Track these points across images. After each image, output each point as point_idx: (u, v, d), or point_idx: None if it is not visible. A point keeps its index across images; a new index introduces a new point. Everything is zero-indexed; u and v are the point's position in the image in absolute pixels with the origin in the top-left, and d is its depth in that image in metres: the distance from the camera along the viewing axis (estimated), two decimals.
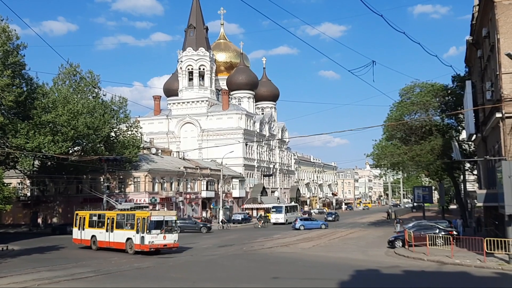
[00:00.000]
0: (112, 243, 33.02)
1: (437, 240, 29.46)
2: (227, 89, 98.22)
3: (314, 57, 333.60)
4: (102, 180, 59.48)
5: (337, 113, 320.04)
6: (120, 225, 32.89)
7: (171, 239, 31.14)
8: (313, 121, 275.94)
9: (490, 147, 31.08)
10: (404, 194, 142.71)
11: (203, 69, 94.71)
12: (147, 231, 30.21)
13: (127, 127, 60.08)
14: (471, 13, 35.22)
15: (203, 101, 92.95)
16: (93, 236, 34.73)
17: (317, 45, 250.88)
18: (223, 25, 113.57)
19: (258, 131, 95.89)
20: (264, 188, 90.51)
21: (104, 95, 58.14)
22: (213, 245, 36.72)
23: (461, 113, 42.71)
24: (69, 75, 56.29)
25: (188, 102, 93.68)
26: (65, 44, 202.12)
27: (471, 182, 63.00)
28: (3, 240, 42.90)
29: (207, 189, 73.29)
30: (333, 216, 74.76)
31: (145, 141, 77.15)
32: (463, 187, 52.27)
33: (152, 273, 23.44)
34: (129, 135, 59.74)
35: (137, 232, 30.86)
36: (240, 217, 67.44)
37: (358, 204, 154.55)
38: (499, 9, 25.43)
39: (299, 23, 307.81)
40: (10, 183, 53.02)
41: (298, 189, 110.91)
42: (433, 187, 76.19)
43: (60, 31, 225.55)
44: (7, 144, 46.44)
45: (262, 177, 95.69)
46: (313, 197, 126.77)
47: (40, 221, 63.58)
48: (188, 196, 70.05)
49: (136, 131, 60.89)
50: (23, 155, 47.62)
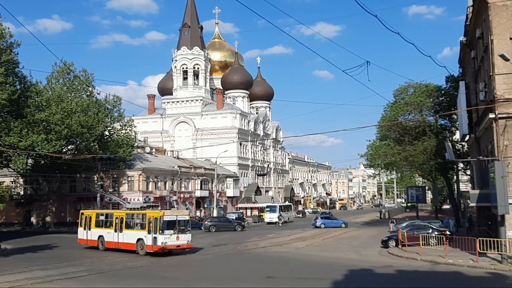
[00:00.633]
0: (121, 244, 31.68)
1: (430, 240, 29.59)
2: (221, 88, 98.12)
3: (309, 57, 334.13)
4: (96, 179, 59.31)
5: (332, 113, 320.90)
6: (129, 225, 31.62)
7: (184, 239, 29.88)
8: (308, 120, 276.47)
9: (483, 148, 31.23)
10: (398, 194, 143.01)
11: (198, 68, 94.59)
12: (160, 232, 28.88)
13: (121, 126, 59.90)
14: (465, 14, 35.38)
15: (197, 100, 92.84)
16: (101, 236, 33.39)
17: (312, 45, 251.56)
18: (218, 24, 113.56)
19: (252, 130, 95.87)
20: (258, 187, 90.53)
21: (98, 94, 58.06)
22: (207, 244, 36.67)
23: (454, 114, 42.89)
24: (63, 73, 56.10)
25: (182, 101, 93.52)
26: (59, 42, 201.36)
27: (464, 182, 63.32)
28: None
29: (201, 189, 73.23)
30: (327, 216, 74.83)
31: (139, 140, 76.99)
32: (456, 187, 52.51)
33: (145, 272, 23.40)
34: (123, 134, 59.58)
35: (149, 232, 29.49)
36: (234, 217, 67.48)
37: (352, 204, 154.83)
38: (493, 10, 25.54)
39: (294, 23, 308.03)
40: (3, 181, 52.64)
41: (292, 189, 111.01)
42: (427, 187, 76.51)
43: (54, 29, 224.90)
44: (0, 142, 46.21)
45: (256, 176, 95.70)
46: (307, 196, 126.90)
47: (34, 220, 63.36)
48: (182, 195, 69.97)
49: (130, 130, 60.75)
50: (16, 154, 47.44)
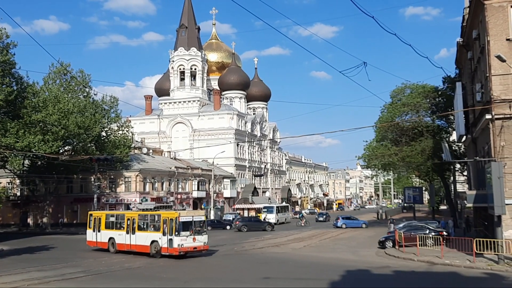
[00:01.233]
0: (133, 246, 30.46)
1: (427, 240, 29.64)
2: (218, 89, 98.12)
3: (306, 58, 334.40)
4: (92, 180, 59.18)
5: (329, 114, 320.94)
6: (142, 227, 30.49)
7: (200, 241, 28.61)
8: (305, 121, 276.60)
9: (480, 148, 31.30)
10: (395, 194, 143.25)
11: (195, 69, 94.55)
12: (176, 233, 27.68)
13: (118, 126, 59.87)
14: (462, 15, 35.44)
15: (194, 101, 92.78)
16: (111, 238, 32.21)
17: (309, 45, 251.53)
18: (215, 25, 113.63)
19: (249, 131, 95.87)
20: (255, 188, 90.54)
21: (95, 95, 58.09)
22: None
23: (451, 115, 42.97)
24: (60, 74, 56.07)
25: (179, 102, 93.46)
26: (56, 43, 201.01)
27: (461, 183, 63.38)
28: None
29: (198, 189, 73.19)
30: (324, 216, 74.99)
31: (136, 141, 76.88)
32: (453, 188, 52.55)
33: (142, 273, 23.37)
34: (120, 134, 59.55)
35: (164, 234, 28.33)
36: (231, 217, 67.46)
37: (349, 204, 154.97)
38: (489, 12, 25.61)
39: (292, 24, 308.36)
40: None
41: (289, 189, 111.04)
42: (424, 188, 76.59)
43: (51, 30, 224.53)
44: None
45: (253, 177, 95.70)
46: (304, 197, 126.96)
47: (30, 221, 63.20)
48: (179, 196, 69.90)
49: (127, 131, 60.74)
50: (13, 155, 47.28)
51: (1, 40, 43.28)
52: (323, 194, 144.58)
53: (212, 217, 63.35)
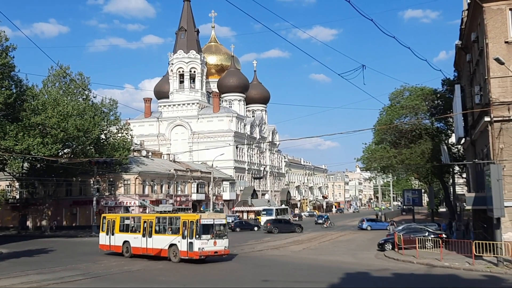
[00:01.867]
0: (150, 250, 29.21)
1: (427, 243, 29.60)
2: (218, 91, 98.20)
3: (305, 61, 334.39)
4: (92, 182, 59.18)
5: (328, 116, 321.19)
6: (160, 230, 29.27)
7: (221, 245, 27.40)
8: (304, 124, 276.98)
9: (479, 151, 31.33)
10: (394, 197, 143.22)
11: (194, 72, 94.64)
12: (197, 236, 26.51)
13: (117, 129, 59.90)
14: (461, 18, 35.50)
15: (193, 104, 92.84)
16: (126, 242, 30.90)
17: (308, 48, 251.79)
18: (214, 28, 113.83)
19: (248, 133, 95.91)
20: (254, 190, 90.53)
21: (94, 97, 58.23)
22: None
23: (450, 117, 43.03)
24: (59, 77, 56.18)
25: (178, 104, 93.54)
26: (56, 46, 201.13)
27: (461, 185, 63.40)
28: None
29: (197, 192, 73.19)
30: (324, 219, 74.91)
31: (136, 144, 76.90)
32: (452, 190, 52.58)
33: (142, 276, 23.36)
34: (119, 137, 59.57)
35: (183, 237, 27.16)
36: (230, 220, 67.35)
37: (348, 208, 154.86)
38: (488, 14, 25.67)
39: (291, 27, 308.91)
40: None
41: (288, 192, 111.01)
42: (423, 190, 76.59)
43: (51, 33, 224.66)
44: None
45: (252, 179, 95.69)
46: (303, 199, 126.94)
47: (29, 223, 63.12)
48: (178, 198, 69.85)
49: (126, 133, 60.76)
50: (12, 157, 47.25)
51: (0, 43, 43.30)
52: (322, 196, 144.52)
53: None
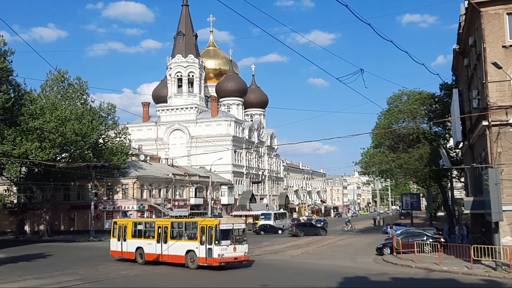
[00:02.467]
0: (166, 256, 28.26)
1: (425, 247, 29.63)
2: (216, 96, 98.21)
3: (303, 65, 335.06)
4: (90, 187, 59.09)
5: (326, 120, 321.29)
6: (176, 235, 28.34)
7: (241, 251, 26.43)
8: (302, 128, 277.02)
9: (477, 155, 31.37)
10: (392, 201, 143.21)
11: (192, 76, 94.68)
12: (216, 242, 25.53)
13: (115, 133, 59.81)
14: (458, 22, 35.62)
15: (192, 108, 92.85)
16: (139, 248, 29.97)
17: (307, 52, 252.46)
18: (212, 32, 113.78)
19: (247, 138, 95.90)
20: (253, 195, 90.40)
21: (92, 102, 58.11)
22: None
23: (448, 121, 43.08)
24: (57, 81, 56.11)
25: (177, 108, 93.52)
26: (54, 50, 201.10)
27: (459, 189, 63.43)
28: None
29: (195, 196, 73.05)
30: (322, 223, 74.88)
31: (134, 148, 76.83)
32: (450, 194, 52.54)
33: (140, 280, 23.33)
34: (117, 141, 59.49)
35: (202, 243, 26.18)
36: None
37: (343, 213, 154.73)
38: (485, 19, 25.76)
39: (289, 31, 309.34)
40: None
41: (287, 196, 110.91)
42: (421, 194, 76.60)
43: (50, 37, 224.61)
44: None
45: (251, 184, 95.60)
46: (302, 204, 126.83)
47: (27, 228, 62.94)
48: (176, 203, 69.74)
49: (124, 138, 60.68)
50: (10, 162, 47.15)
51: None
52: (321, 200, 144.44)
53: None
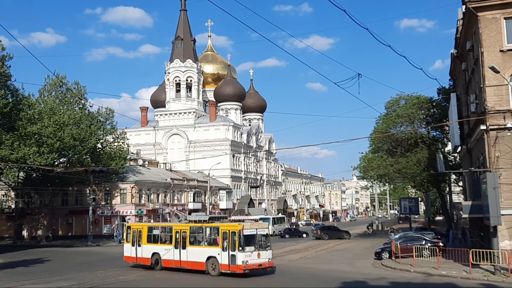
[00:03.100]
0: (184, 263, 27.22)
1: (424, 251, 29.58)
2: (214, 100, 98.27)
3: (302, 70, 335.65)
4: (88, 191, 58.96)
5: (324, 125, 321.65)
6: (196, 241, 27.32)
7: (265, 257, 25.38)
8: (300, 132, 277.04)
9: (475, 159, 31.40)
10: (391, 205, 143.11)
11: (191, 81, 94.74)
12: (239, 248, 24.44)
13: (113, 138, 59.80)
14: (456, 27, 35.73)
15: (190, 113, 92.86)
16: (155, 254, 28.85)
17: (305, 57, 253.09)
18: (210, 37, 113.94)
19: (245, 142, 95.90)
20: (251, 199, 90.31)
21: (90, 106, 58.08)
22: None
23: (446, 125, 43.13)
24: (55, 86, 56.09)
25: (175, 113, 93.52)
26: (53, 55, 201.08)
27: (457, 193, 63.45)
28: None
29: (194, 201, 72.95)
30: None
31: (132, 153, 76.73)
32: (449, 199, 52.65)
33: (138, 286, 23.22)
34: (115, 146, 59.46)
35: (224, 249, 25.12)
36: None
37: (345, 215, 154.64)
38: (483, 23, 25.85)
39: (288, 36, 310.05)
40: None
41: (285, 201, 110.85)
42: (420, 199, 76.57)
43: (48, 42, 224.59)
44: None
45: (249, 188, 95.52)
46: (300, 208, 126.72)
47: (25, 233, 62.75)
48: (175, 207, 69.48)
49: (122, 143, 60.65)
50: (7, 167, 47.06)
51: None
52: (319, 205, 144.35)
53: None
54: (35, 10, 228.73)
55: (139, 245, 29.99)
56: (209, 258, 25.86)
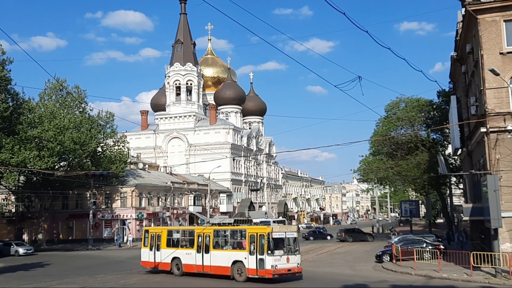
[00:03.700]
0: (208, 268, 26.02)
1: (424, 254, 29.55)
2: (214, 104, 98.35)
3: (302, 73, 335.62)
4: (88, 195, 58.98)
5: (325, 128, 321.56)
6: (220, 244, 26.10)
7: (294, 261, 24.21)
8: (301, 135, 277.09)
9: (475, 161, 31.38)
10: (391, 208, 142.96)
11: (191, 84, 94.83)
12: (268, 252, 23.29)
13: (114, 142, 59.84)
14: (456, 29, 35.77)
15: (190, 116, 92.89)
16: (176, 258, 27.80)
17: (305, 60, 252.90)
18: (210, 40, 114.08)
19: (245, 145, 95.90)
20: (251, 202, 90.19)
21: (91, 110, 58.25)
22: None
23: (446, 128, 43.15)
24: (56, 90, 56.16)
25: (175, 117, 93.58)
26: (53, 59, 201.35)
27: (458, 196, 63.43)
28: None
29: (194, 204, 72.90)
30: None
31: (132, 156, 76.72)
32: (449, 201, 52.57)
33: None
34: (116, 150, 59.49)
35: (251, 253, 23.96)
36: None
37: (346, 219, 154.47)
38: (482, 26, 25.87)
39: (288, 39, 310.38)
40: None
41: (285, 204, 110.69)
42: (420, 201, 76.53)
43: (49, 46, 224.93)
44: None
45: (249, 191, 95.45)
46: (300, 211, 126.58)
47: (25, 237, 62.69)
48: (175, 211, 69.63)
49: (123, 146, 60.68)
50: (8, 171, 47.05)
51: None
52: (320, 208, 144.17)
53: None
54: (35, 14, 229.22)
55: (158, 250, 28.93)
56: (235, 262, 24.74)
